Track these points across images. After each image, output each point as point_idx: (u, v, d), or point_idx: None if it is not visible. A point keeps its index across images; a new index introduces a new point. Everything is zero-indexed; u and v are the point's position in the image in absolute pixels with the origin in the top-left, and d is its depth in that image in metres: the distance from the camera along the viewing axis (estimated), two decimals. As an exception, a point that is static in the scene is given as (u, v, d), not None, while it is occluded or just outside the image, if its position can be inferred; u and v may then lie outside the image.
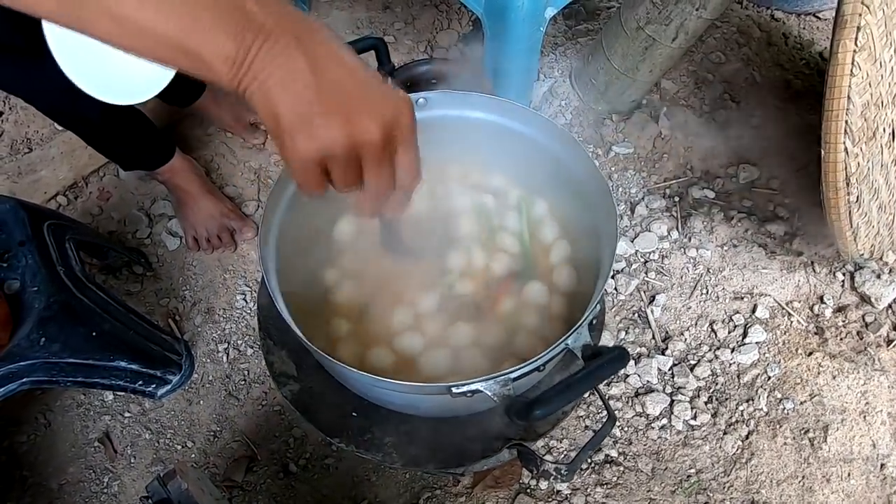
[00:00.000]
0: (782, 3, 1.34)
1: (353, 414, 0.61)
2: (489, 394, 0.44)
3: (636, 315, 1.03)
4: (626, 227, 1.12)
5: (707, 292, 1.05)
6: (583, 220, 0.61)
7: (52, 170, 1.18)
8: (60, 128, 1.22)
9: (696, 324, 1.02)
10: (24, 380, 0.75)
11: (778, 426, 0.92)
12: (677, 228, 1.10)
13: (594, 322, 0.46)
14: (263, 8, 0.33)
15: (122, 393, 0.92)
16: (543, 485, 0.89)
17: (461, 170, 0.72)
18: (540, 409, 0.38)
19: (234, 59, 0.32)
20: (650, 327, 1.02)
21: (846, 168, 0.72)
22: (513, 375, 0.44)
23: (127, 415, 0.96)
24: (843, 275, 1.03)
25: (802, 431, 0.91)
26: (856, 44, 0.66)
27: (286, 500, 0.89)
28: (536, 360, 0.45)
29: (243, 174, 1.19)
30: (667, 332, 1.02)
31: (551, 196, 0.68)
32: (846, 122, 0.69)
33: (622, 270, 1.07)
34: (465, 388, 0.44)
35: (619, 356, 0.42)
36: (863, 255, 0.87)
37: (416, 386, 0.47)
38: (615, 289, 1.05)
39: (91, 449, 0.93)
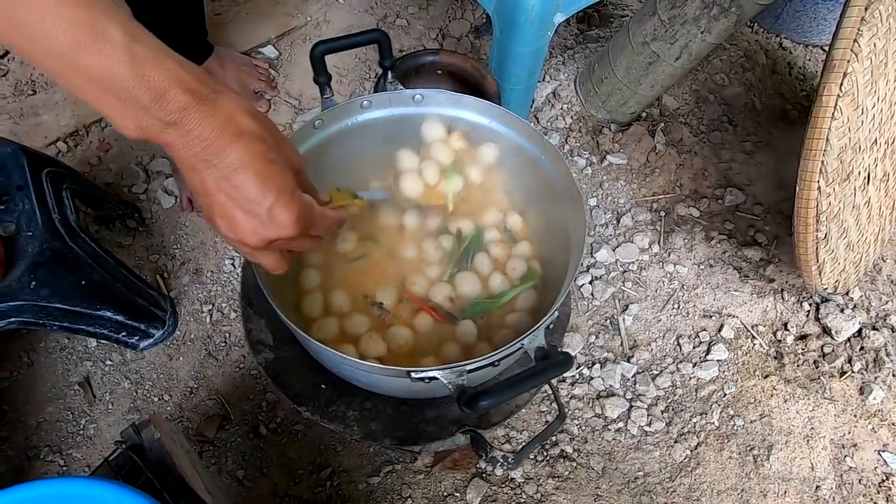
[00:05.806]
0: (791, 33, 1.35)
1: (323, 386, 0.65)
2: (445, 382, 0.47)
3: (608, 321, 1.07)
4: (610, 235, 1.15)
5: (678, 307, 1.08)
6: (557, 226, 0.64)
7: (54, 115, 1.19)
8: (67, 74, 1.23)
9: (663, 336, 1.06)
10: (12, 319, 0.78)
11: (726, 440, 0.97)
12: (659, 243, 1.14)
13: (551, 327, 0.50)
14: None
15: (106, 342, 0.95)
16: (499, 471, 0.93)
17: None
18: (485, 399, 0.42)
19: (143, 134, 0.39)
20: (620, 335, 1.06)
21: (818, 206, 0.75)
22: (468, 367, 0.48)
23: (108, 363, 0.99)
24: (810, 305, 1.07)
25: (748, 448, 0.96)
26: (840, 89, 0.68)
27: (254, 459, 0.94)
28: (492, 356, 0.48)
29: (243, 141, 1.21)
30: (635, 341, 1.06)
31: (529, 202, 0.71)
32: (822, 162, 0.72)
33: (601, 277, 1.10)
34: (423, 375, 0.47)
35: (563, 361, 0.46)
36: (826, 289, 0.91)
37: (377, 367, 0.50)
38: (592, 294, 1.09)
39: (71, 391, 0.97)
